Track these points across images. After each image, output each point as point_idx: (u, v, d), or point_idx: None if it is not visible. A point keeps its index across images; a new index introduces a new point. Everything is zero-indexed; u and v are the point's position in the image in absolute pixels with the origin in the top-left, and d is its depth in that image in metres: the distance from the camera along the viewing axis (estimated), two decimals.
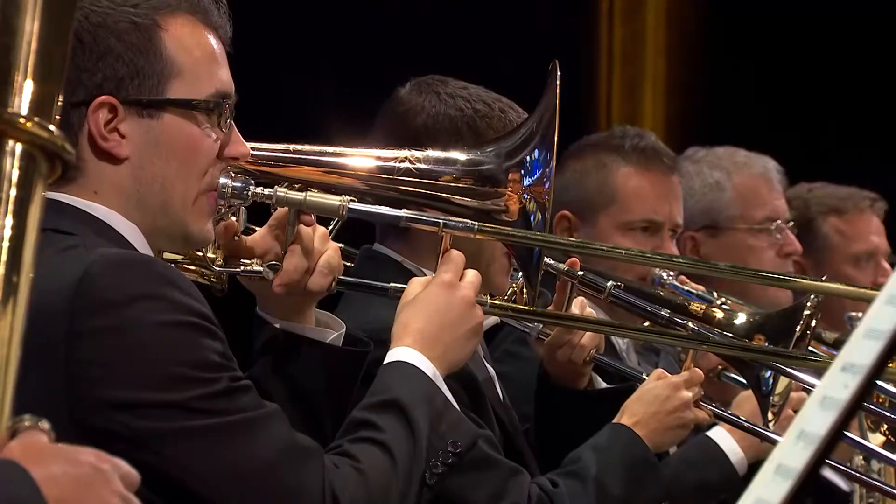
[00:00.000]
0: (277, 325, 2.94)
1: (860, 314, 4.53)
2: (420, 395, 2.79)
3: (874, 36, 6.91)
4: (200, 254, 2.93)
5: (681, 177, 4.50)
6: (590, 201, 4.35)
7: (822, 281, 3.53)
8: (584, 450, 3.47)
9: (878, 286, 5.03)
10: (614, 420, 3.53)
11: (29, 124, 1.87)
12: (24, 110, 1.87)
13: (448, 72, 3.62)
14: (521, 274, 3.33)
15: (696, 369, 3.61)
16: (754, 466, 3.67)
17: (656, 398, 3.52)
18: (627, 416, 3.52)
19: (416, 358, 2.85)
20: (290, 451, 2.58)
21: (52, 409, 1.89)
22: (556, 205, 4.28)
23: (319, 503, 2.57)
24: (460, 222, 3.01)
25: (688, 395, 3.55)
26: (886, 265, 5.42)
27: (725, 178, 5.00)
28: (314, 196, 2.93)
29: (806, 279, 3.87)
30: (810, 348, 3.59)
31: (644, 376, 3.62)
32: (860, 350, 1.82)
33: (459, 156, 3.16)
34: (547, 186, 3.10)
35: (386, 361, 2.86)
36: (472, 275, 2.96)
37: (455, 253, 2.97)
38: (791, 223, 5.06)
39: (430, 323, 2.88)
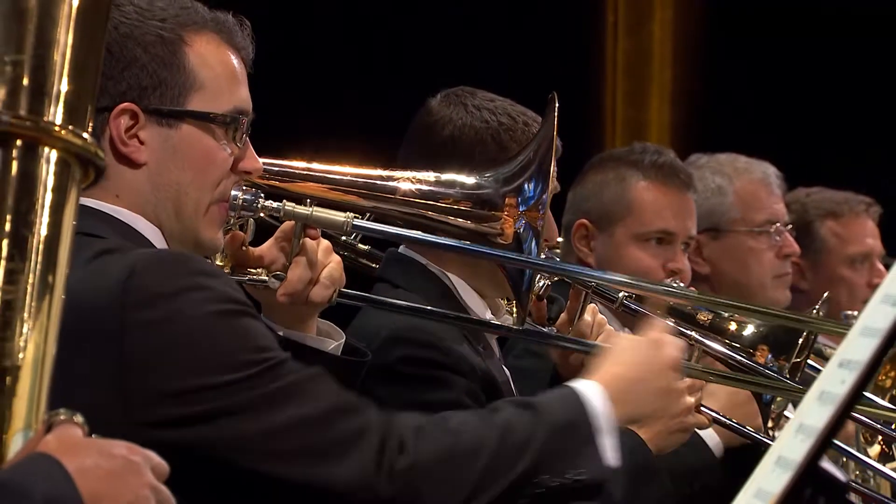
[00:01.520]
0: (281, 333, 3.00)
1: (856, 312, 4.59)
2: (565, 414, 2.72)
3: (871, 49, 6.95)
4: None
5: (695, 193, 4.59)
6: (607, 212, 4.44)
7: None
8: None
9: (873, 287, 5.12)
10: None
11: (63, 132, 1.94)
12: (59, 119, 1.95)
13: (454, 83, 3.68)
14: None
15: None
16: (729, 451, 3.76)
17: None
18: None
19: (591, 390, 2.78)
20: (344, 402, 2.58)
21: (107, 403, 1.94)
22: (576, 213, 4.43)
23: (377, 447, 2.54)
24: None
25: (690, 400, 3.60)
26: (881, 266, 5.47)
27: (727, 183, 5.06)
28: (320, 211, 3.00)
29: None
30: (809, 362, 3.66)
31: None
32: (857, 347, 1.89)
33: (460, 179, 3.22)
34: (542, 213, 3.17)
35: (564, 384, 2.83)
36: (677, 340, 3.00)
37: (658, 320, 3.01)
38: (790, 226, 5.12)
39: (628, 371, 2.88)
